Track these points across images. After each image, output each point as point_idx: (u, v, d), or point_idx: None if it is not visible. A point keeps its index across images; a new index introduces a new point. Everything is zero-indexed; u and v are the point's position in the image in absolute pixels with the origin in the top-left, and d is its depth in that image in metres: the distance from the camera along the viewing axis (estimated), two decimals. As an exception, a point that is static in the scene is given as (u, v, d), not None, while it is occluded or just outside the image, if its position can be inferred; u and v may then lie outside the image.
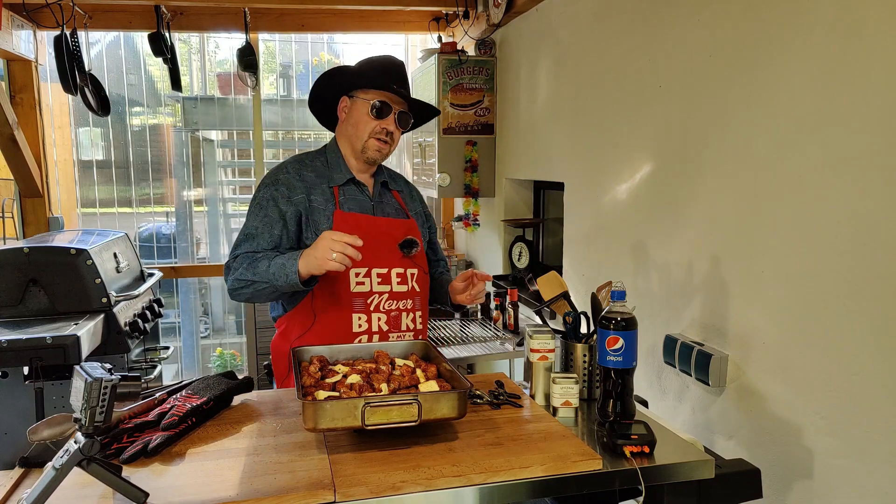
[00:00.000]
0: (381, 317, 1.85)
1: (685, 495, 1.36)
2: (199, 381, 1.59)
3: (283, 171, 1.90)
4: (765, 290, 1.69)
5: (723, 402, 1.85)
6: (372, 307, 1.84)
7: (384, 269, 1.86)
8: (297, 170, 1.90)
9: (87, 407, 1.11)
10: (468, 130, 3.65)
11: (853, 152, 1.42)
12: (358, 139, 1.88)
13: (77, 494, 1.17)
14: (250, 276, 1.74)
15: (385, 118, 1.86)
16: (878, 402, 1.39)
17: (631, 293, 1.63)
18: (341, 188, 1.90)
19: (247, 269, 1.75)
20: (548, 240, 3.50)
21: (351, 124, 1.90)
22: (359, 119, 1.88)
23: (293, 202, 1.84)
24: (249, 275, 1.74)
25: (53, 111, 4.08)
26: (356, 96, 1.89)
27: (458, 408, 1.34)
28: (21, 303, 2.57)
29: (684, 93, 1.98)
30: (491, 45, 3.66)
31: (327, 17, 4.04)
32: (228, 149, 5.13)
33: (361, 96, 1.87)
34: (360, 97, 1.87)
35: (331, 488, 1.17)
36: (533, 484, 1.25)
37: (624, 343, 1.45)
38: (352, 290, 1.82)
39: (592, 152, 2.59)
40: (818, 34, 1.50)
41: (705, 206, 1.91)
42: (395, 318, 1.87)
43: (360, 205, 1.90)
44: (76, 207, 4.31)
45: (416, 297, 1.92)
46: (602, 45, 2.49)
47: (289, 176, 1.88)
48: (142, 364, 3.16)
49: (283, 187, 1.85)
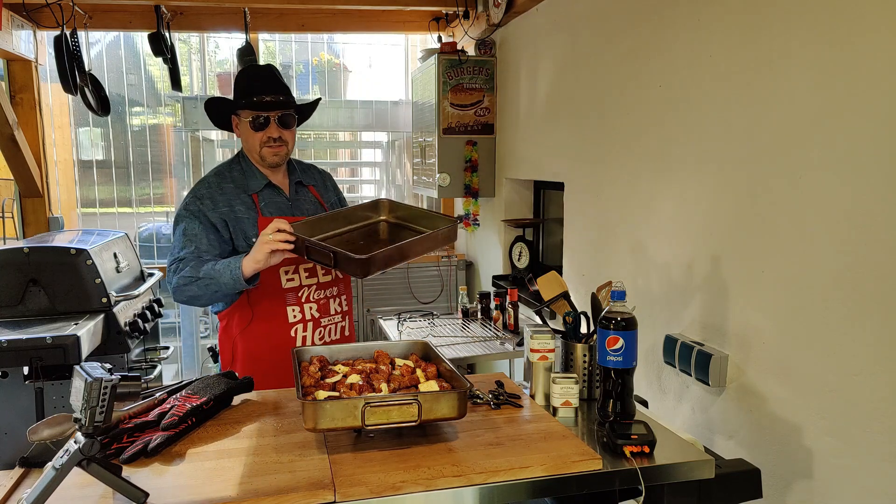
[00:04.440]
0: (312, 306, 2.04)
1: (685, 495, 1.36)
2: (199, 381, 1.59)
3: (205, 185, 2.03)
4: (765, 290, 1.69)
5: (723, 402, 1.85)
6: (303, 299, 2.02)
7: (310, 264, 2.01)
8: (217, 183, 2.03)
9: (87, 407, 1.11)
10: (468, 130, 3.65)
11: (853, 152, 1.42)
12: (253, 151, 2.02)
13: (77, 494, 1.17)
14: (194, 274, 1.87)
15: (266, 128, 1.98)
16: (878, 402, 1.39)
17: (631, 293, 1.63)
18: (259, 194, 2.04)
19: (193, 268, 1.88)
20: (548, 240, 3.50)
21: (244, 140, 2.05)
22: (247, 135, 2.02)
23: (218, 212, 1.98)
24: (194, 273, 1.87)
25: (53, 111, 4.08)
26: (239, 114, 2.01)
27: (458, 408, 1.34)
28: (21, 303, 2.57)
29: (684, 93, 1.98)
30: (491, 45, 3.66)
31: (327, 17, 4.04)
32: (228, 149, 5.12)
33: (242, 115, 2.00)
34: (242, 116, 2.00)
35: (331, 488, 1.17)
36: (533, 484, 1.25)
37: (624, 343, 1.45)
38: (283, 286, 2.00)
39: (592, 152, 2.59)
40: (818, 34, 1.50)
41: (705, 206, 1.91)
42: (324, 306, 2.06)
43: (278, 207, 2.05)
44: (76, 207, 4.31)
45: (339, 283, 2.12)
46: (602, 45, 2.49)
47: (211, 190, 2.01)
48: (142, 364, 3.16)
49: (208, 200, 1.98)
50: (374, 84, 4.79)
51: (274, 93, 1.97)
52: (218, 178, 2.04)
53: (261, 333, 2.00)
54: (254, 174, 2.05)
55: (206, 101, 2.04)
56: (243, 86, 1.99)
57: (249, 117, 1.97)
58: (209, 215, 1.96)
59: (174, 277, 1.91)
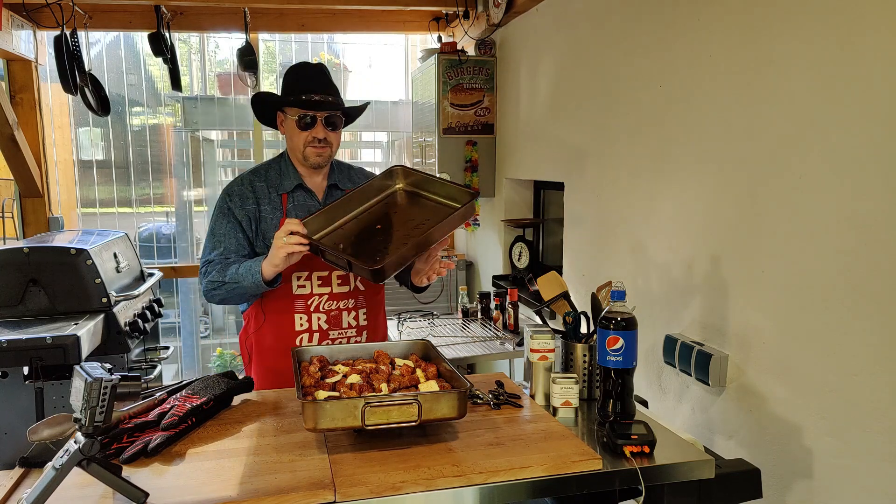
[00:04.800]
0: (321, 316, 1.96)
1: (685, 495, 1.36)
2: (199, 381, 1.59)
3: (238, 182, 2.01)
4: (765, 290, 1.69)
5: (723, 402, 1.85)
6: (312, 308, 1.96)
7: (325, 272, 1.95)
8: (249, 181, 2.00)
9: (87, 407, 1.11)
10: (468, 130, 3.65)
11: (853, 152, 1.42)
12: (297, 150, 1.96)
13: (77, 494, 1.17)
14: (221, 278, 1.87)
15: (312, 127, 1.92)
16: (878, 402, 1.39)
17: (631, 293, 1.63)
18: (290, 195, 1.99)
19: (219, 272, 1.88)
20: (548, 240, 3.50)
21: (288, 138, 1.99)
22: (291, 133, 1.96)
23: (245, 210, 1.95)
24: (221, 276, 1.87)
25: (53, 111, 4.08)
26: (285, 112, 1.97)
27: (458, 408, 1.34)
28: (21, 303, 2.57)
29: (684, 93, 1.98)
30: (491, 45, 3.66)
31: (327, 17, 4.04)
32: (228, 149, 5.13)
33: (288, 112, 1.95)
34: (288, 113, 1.95)
35: (331, 488, 1.17)
36: (533, 484, 1.25)
37: (624, 343, 1.45)
38: (294, 292, 1.94)
39: (592, 152, 2.59)
40: (818, 34, 1.50)
41: (705, 206, 1.91)
42: (336, 318, 1.98)
43: (307, 210, 1.98)
44: (76, 207, 4.31)
45: (359, 296, 2.01)
46: (602, 45, 2.49)
47: (242, 187, 1.99)
48: (142, 364, 3.16)
49: (237, 198, 1.97)
50: (374, 84, 4.79)
51: (323, 92, 1.91)
52: (252, 175, 2.01)
53: (270, 337, 1.98)
54: (289, 174, 2.00)
55: (253, 96, 1.98)
56: (292, 82, 1.93)
57: (296, 115, 1.91)
58: (236, 213, 1.94)
59: (203, 280, 1.92)
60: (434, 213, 1.83)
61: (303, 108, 1.90)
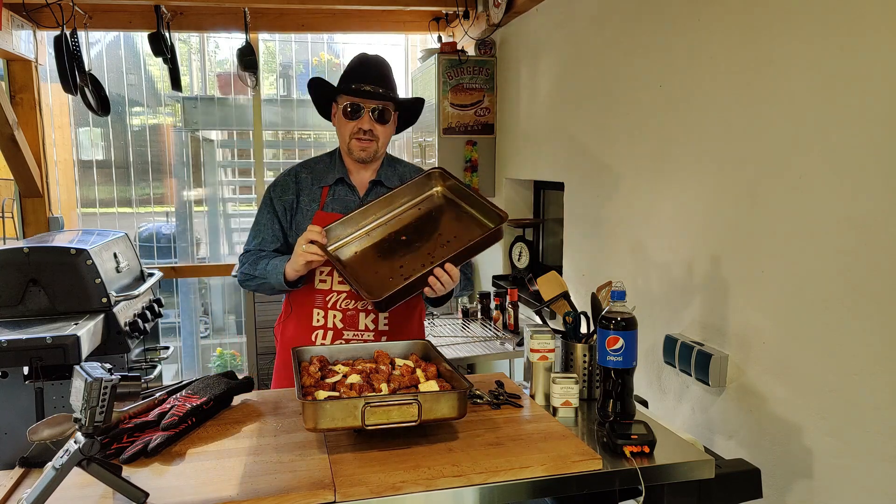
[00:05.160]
0: (337, 314, 1.92)
1: (685, 495, 1.36)
2: (199, 381, 1.59)
3: (285, 173, 2.01)
4: (765, 290, 1.69)
5: (723, 402, 1.85)
6: (329, 304, 1.92)
7: None
8: (295, 172, 2.00)
9: (87, 407, 1.11)
10: (468, 130, 3.65)
11: (853, 152, 1.42)
12: (343, 141, 1.94)
13: (77, 494, 1.17)
14: (252, 272, 1.92)
15: (359, 118, 1.88)
16: (878, 402, 1.39)
17: (631, 293, 1.63)
18: (332, 188, 1.97)
19: (251, 264, 1.92)
20: (548, 240, 3.50)
21: (337, 127, 1.97)
22: (340, 122, 1.94)
23: (283, 201, 1.96)
24: (252, 270, 1.92)
25: (53, 111, 4.08)
26: (337, 100, 1.95)
27: (458, 408, 1.34)
28: (21, 303, 2.57)
29: (684, 93, 1.98)
30: (491, 45, 3.66)
31: (327, 17, 4.04)
32: (228, 149, 5.13)
33: (339, 101, 1.93)
34: (339, 102, 1.93)
35: (331, 488, 1.17)
36: (533, 484, 1.25)
37: (624, 343, 1.45)
38: (315, 286, 1.93)
39: (592, 152, 2.59)
40: (818, 34, 1.50)
41: (705, 206, 1.91)
42: (352, 318, 1.92)
43: (344, 206, 1.95)
44: (76, 207, 4.31)
45: None
46: (602, 45, 2.49)
47: (287, 178, 1.99)
48: (142, 364, 3.16)
49: (279, 188, 1.98)
50: (373, 84, 4.78)
51: (374, 83, 1.86)
52: (301, 166, 2.01)
53: (292, 329, 1.97)
54: (335, 168, 1.97)
55: (309, 80, 1.95)
56: (347, 71, 1.90)
57: (345, 103, 1.88)
58: (275, 203, 1.95)
59: (239, 270, 1.97)
60: (463, 231, 1.80)
61: (352, 96, 1.87)
